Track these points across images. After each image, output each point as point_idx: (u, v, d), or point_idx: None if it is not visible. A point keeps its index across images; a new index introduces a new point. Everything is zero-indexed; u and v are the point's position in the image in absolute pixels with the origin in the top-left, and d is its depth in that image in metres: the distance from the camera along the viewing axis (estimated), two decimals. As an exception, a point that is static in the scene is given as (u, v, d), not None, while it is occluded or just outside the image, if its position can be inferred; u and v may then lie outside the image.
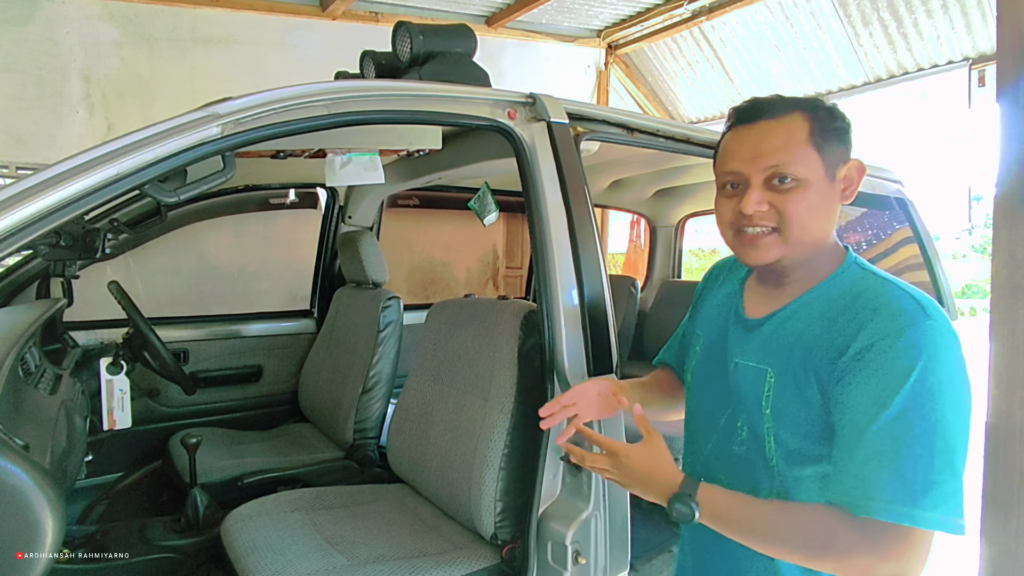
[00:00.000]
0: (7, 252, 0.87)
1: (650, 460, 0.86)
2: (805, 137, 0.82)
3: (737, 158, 0.85)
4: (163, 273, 2.80)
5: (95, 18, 3.19)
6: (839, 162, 0.85)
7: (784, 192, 0.82)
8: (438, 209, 3.58)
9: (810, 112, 0.84)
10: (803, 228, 0.82)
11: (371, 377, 2.17)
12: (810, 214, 0.82)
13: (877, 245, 2.27)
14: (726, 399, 0.94)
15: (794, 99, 0.86)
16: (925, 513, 0.69)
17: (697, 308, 1.12)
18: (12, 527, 0.82)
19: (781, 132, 0.83)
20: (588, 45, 4.89)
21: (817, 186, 0.82)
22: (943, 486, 0.70)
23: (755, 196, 0.82)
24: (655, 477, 0.85)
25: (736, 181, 0.86)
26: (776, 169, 0.82)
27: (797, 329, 0.85)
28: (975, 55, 3.69)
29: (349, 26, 3.82)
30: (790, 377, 0.83)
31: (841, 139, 0.85)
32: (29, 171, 2.25)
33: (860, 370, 0.75)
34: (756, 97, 0.88)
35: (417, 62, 1.49)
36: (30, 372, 1.44)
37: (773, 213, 0.82)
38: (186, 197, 1.07)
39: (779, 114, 0.84)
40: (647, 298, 3.82)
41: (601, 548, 1.25)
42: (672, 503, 0.82)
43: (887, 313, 0.76)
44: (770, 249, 0.84)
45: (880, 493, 0.70)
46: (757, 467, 0.87)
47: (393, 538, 1.50)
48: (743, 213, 0.84)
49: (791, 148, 0.82)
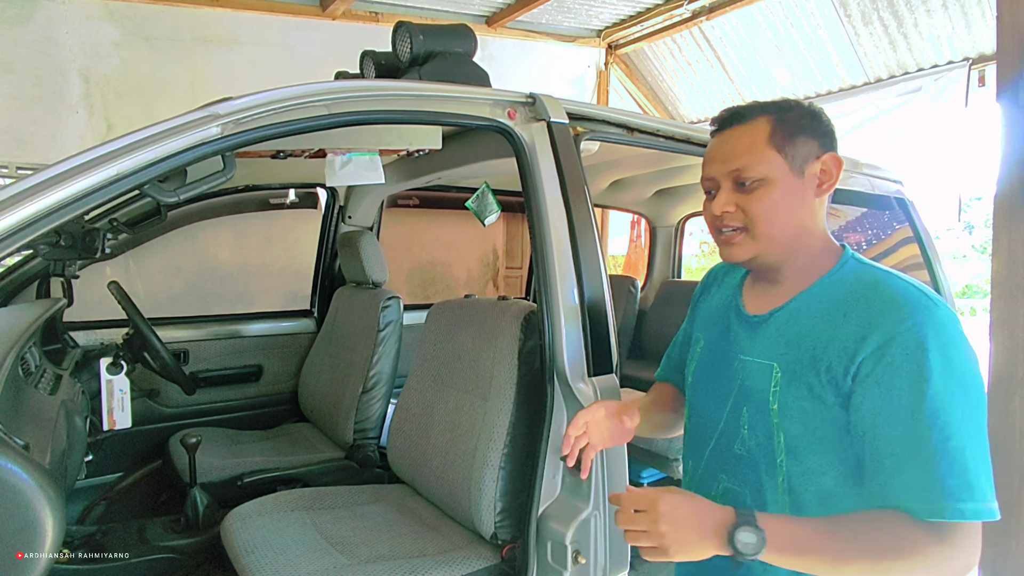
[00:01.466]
0: (7, 252, 0.87)
1: (695, 501, 0.78)
2: (765, 139, 0.86)
3: (709, 165, 0.92)
4: (163, 273, 2.81)
5: (95, 18, 3.19)
6: (809, 158, 0.87)
7: (748, 193, 0.87)
8: (438, 209, 3.58)
9: (776, 114, 0.88)
10: (769, 225, 0.86)
11: (371, 377, 2.17)
12: (775, 211, 0.86)
13: (877, 245, 2.27)
14: (727, 398, 0.94)
15: (765, 103, 0.91)
16: (981, 506, 0.72)
17: (695, 311, 1.12)
18: (12, 527, 0.82)
19: (745, 137, 0.88)
20: (588, 45, 4.89)
21: (782, 183, 0.86)
22: (985, 474, 0.73)
23: (721, 199, 0.89)
24: (707, 516, 0.76)
25: (711, 187, 0.92)
26: (738, 172, 0.87)
27: (803, 325, 0.86)
28: (975, 55, 3.68)
29: (349, 26, 3.82)
30: (797, 372, 0.83)
31: (811, 134, 0.88)
32: (29, 171, 2.25)
33: (882, 371, 0.76)
34: (732, 106, 0.93)
35: (417, 62, 1.49)
36: (30, 372, 1.44)
37: (739, 214, 0.87)
38: (186, 197, 1.07)
39: (747, 120, 0.89)
40: (647, 298, 3.82)
41: (601, 548, 1.25)
42: (734, 533, 0.73)
43: (899, 306, 0.77)
44: (742, 247, 0.89)
45: (942, 496, 0.72)
46: (760, 466, 0.87)
47: (393, 538, 1.50)
48: (715, 215, 0.90)
49: (752, 151, 0.86)
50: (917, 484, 0.73)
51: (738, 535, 0.72)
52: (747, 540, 0.72)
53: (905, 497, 0.74)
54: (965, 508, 0.71)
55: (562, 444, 1.04)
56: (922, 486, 0.73)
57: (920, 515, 0.73)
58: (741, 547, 0.72)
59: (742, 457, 0.90)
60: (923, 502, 0.73)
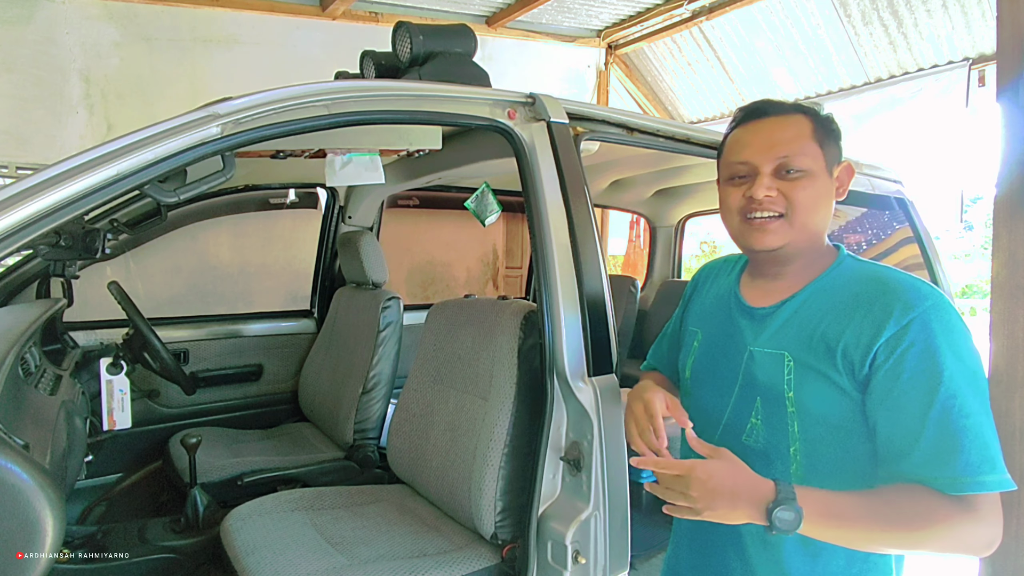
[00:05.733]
0: (7, 252, 0.87)
1: (734, 473, 0.79)
2: (810, 133, 0.90)
3: (748, 148, 0.92)
4: (163, 273, 2.80)
5: (95, 18, 3.19)
6: (835, 162, 0.93)
7: (792, 181, 0.89)
8: (438, 209, 3.58)
9: (811, 115, 0.93)
10: (808, 215, 0.89)
11: (371, 377, 2.17)
12: (814, 203, 0.89)
13: (877, 245, 2.27)
14: (730, 390, 0.95)
15: (797, 104, 0.95)
16: (1000, 476, 0.75)
17: (688, 306, 1.13)
18: (12, 527, 0.82)
19: (789, 127, 0.90)
20: (588, 45, 4.89)
21: (820, 178, 0.90)
22: (998, 448, 0.77)
23: (765, 182, 0.89)
24: (743, 489, 0.78)
25: (745, 172, 0.92)
26: (786, 159, 0.89)
27: (813, 316, 0.88)
28: (975, 55, 3.68)
29: (349, 26, 3.82)
30: (811, 362, 0.86)
31: (836, 142, 0.93)
32: (29, 171, 2.25)
33: (900, 357, 0.79)
34: (765, 99, 0.96)
35: (417, 62, 1.49)
36: (30, 372, 1.44)
37: (781, 199, 0.89)
38: (186, 197, 1.07)
39: (786, 113, 0.92)
40: (647, 298, 3.82)
41: (601, 548, 1.25)
42: (773, 511, 0.74)
43: (907, 295, 0.81)
44: (777, 233, 0.89)
45: (966, 469, 0.75)
46: (772, 455, 0.89)
47: (393, 538, 1.50)
48: (753, 198, 0.89)
49: (799, 141, 0.89)
50: (940, 460, 0.76)
51: (777, 513, 0.75)
52: (786, 518, 0.74)
53: (929, 472, 0.77)
54: (987, 480, 0.74)
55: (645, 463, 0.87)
56: (946, 461, 0.76)
57: (945, 488, 0.76)
58: (779, 524, 0.74)
59: (752, 448, 0.91)
60: (948, 476, 0.75)
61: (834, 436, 0.85)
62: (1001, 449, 0.77)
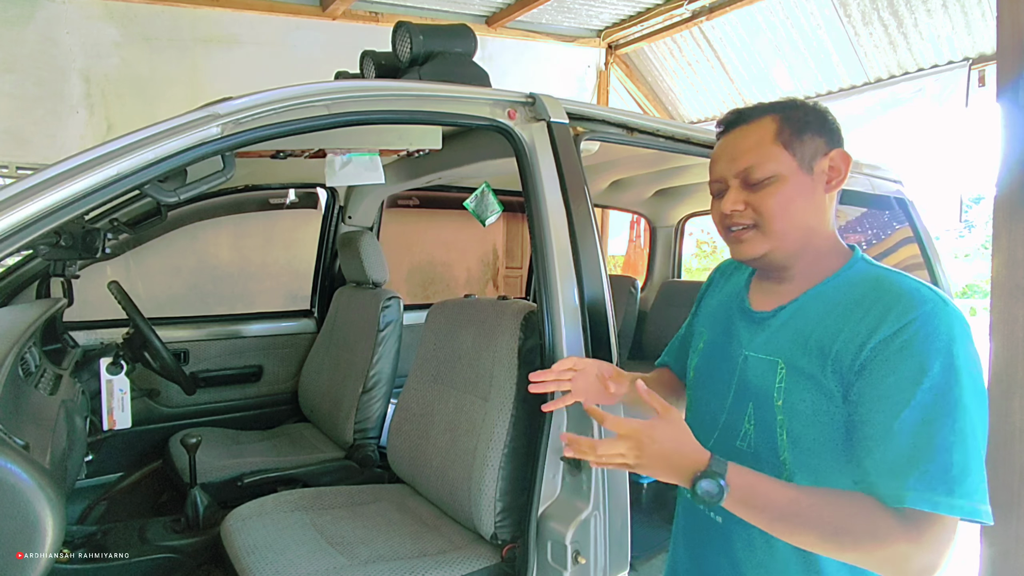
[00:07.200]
0: (7, 252, 0.87)
1: (674, 436, 0.79)
2: (772, 137, 0.87)
3: (717, 164, 0.93)
4: (163, 273, 2.80)
5: (95, 18, 3.19)
6: (817, 154, 0.88)
7: (758, 191, 0.87)
8: (438, 209, 3.59)
9: (781, 112, 0.89)
10: (782, 220, 0.87)
11: (371, 377, 2.17)
12: (787, 207, 0.87)
13: (877, 245, 2.27)
14: (727, 393, 0.94)
15: (771, 103, 0.92)
16: (961, 502, 0.69)
17: (700, 306, 1.13)
18: (12, 527, 0.82)
19: (751, 136, 0.89)
20: (588, 45, 4.89)
21: (792, 180, 0.87)
22: (975, 474, 0.71)
23: (731, 197, 0.90)
24: (681, 453, 0.79)
25: (719, 188, 0.93)
26: (747, 171, 0.88)
27: (809, 321, 0.86)
28: (975, 55, 3.68)
29: (349, 26, 3.82)
30: (803, 368, 0.83)
31: (818, 131, 0.89)
32: (29, 171, 2.25)
33: (886, 358, 0.75)
34: (737, 108, 0.94)
35: (417, 62, 1.49)
36: (30, 372, 1.44)
37: (749, 212, 0.88)
38: (186, 197, 1.07)
39: (752, 120, 0.90)
40: (647, 298, 3.82)
41: (601, 548, 1.25)
42: (698, 481, 0.76)
43: (908, 300, 0.77)
44: (752, 243, 0.89)
45: (918, 483, 0.70)
46: (763, 462, 0.87)
47: (393, 538, 1.50)
48: (724, 213, 0.90)
49: (759, 149, 0.87)
50: (894, 470, 0.72)
51: (701, 483, 0.76)
52: (708, 488, 0.75)
53: (877, 479, 0.74)
54: (939, 500, 0.69)
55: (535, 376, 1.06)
56: (898, 472, 0.72)
57: (886, 500, 0.72)
58: (701, 492, 0.76)
59: (745, 452, 0.90)
60: (893, 487, 0.72)
61: (823, 446, 0.82)
62: (980, 475, 0.71)
